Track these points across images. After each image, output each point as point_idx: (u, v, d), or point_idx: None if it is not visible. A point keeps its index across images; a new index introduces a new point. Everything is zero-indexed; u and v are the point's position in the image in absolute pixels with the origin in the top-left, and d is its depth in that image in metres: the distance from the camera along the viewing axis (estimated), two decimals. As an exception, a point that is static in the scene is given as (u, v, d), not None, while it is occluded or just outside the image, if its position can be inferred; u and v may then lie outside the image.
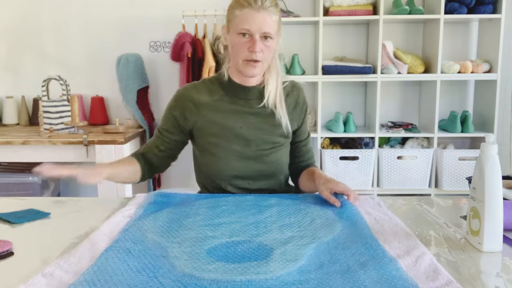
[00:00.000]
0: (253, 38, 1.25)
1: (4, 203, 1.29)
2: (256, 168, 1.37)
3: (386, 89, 2.93)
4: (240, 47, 1.27)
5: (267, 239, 0.95)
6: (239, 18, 1.25)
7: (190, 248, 0.91)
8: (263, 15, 1.24)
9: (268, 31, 1.25)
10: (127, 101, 2.75)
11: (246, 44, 1.26)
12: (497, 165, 0.91)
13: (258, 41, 1.25)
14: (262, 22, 1.24)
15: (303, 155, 1.48)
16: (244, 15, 1.24)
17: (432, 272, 0.80)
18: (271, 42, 1.27)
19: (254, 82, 1.37)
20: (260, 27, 1.24)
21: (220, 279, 0.77)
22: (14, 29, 3.01)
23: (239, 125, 1.36)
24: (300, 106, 1.44)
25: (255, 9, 1.23)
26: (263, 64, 1.30)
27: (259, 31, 1.24)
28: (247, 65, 1.29)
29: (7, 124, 2.96)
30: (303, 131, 1.47)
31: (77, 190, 3.15)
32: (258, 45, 1.25)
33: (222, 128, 1.36)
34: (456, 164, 2.71)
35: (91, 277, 0.78)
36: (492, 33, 2.71)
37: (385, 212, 1.16)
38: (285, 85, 1.41)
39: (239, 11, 1.25)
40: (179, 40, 2.62)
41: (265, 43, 1.26)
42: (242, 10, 1.25)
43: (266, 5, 1.24)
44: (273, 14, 1.26)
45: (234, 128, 1.36)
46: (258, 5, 1.23)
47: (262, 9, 1.24)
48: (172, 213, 1.14)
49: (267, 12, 1.24)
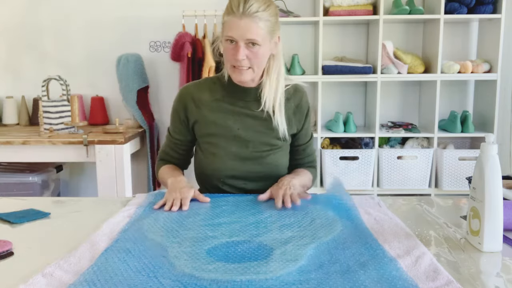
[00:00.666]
0: (237, 45, 1.24)
1: (4, 203, 1.29)
2: (253, 169, 1.37)
3: (386, 89, 2.93)
4: (227, 53, 1.28)
5: (267, 239, 0.95)
6: (226, 24, 1.25)
7: (190, 248, 0.91)
8: (246, 22, 1.21)
9: (252, 38, 1.22)
10: (127, 101, 2.75)
11: (232, 50, 1.25)
12: (497, 165, 0.91)
13: (242, 48, 1.23)
14: (245, 30, 1.22)
15: (303, 158, 1.48)
16: (229, 21, 1.24)
17: (432, 272, 0.80)
18: (258, 48, 1.24)
19: (253, 84, 1.36)
20: (243, 34, 1.22)
21: (220, 279, 0.77)
22: (14, 29, 3.01)
23: (237, 126, 1.36)
24: (301, 110, 1.42)
25: (237, 17, 1.21)
26: (253, 70, 1.28)
27: (242, 38, 1.23)
28: (234, 70, 1.29)
29: (7, 124, 2.96)
30: (303, 135, 1.45)
31: (77, 190, 3.15)
32: (241, 52, 1.23)
33: (220, 128, 1.36)
34: (456, 164, 2.71)
35: (91, 277, 0.78)
36: (492, 33, 2.71)
37: (385, 212, 1.16)
38: (287, 88, 1.39)
39: (226, 16, 1.25)
40: (179, 40, 2.62)
41: (251, 50, 1.24)
42: (228, 16, 1.24)
43: (250, 11, 1.20)
44: (260, 20, 1.22)
45: (232, 129, 1.36)
46: (240, 12, 1.21)
47: (245, 16, 1.21)
48: (172, 213, 1.14)
49: (251, 19, 1.21)
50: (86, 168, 3.11)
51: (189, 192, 1.23)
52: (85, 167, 3.11)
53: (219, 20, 2.83)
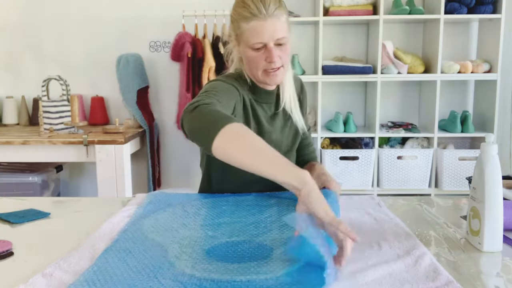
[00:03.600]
0: (268, 48, 1.18)
1: (4, 203, 1.29)
2: None
3: (386, 89, 2.93)
4: (257, 60, 1.21)
5: (267, 239, 0.95)
6: (249, 32, 1.18)
7: (190, 248, 0.91)
8: (271, 22, 1.16)
9: (281, 36, 1.17)
10: (127, 101, 2.75)
11: (263, 56, 1.19)
12: (497, 165, 0.91)
13: (274, 49, 1.18)
14: (273, 30, 1.16)
15: (303, 148, 1.46)
16: (252, 28, 1.17)
17: (432, 272, 0.81)
18: (286, 45, 1.21)
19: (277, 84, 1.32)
20: (273, 35, 1.17)
21: (220, 279, 0.77)
22: (14, 28, 3.01)
23: (269, 129, 1.32)
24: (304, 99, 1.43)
25: (262, 19, 1.15)
26: (284, 68, 1.25)
27: (273, 39, 1.18)
28: (268, 75, 1.23)
29: (7, 124, 2.96)
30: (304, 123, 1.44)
31: (77, 190, 3.15)
32: (275, 54, 1.19)
33: (257, 132, 1.28)
34: (456, 164, 2.71)
35: (91, 277, 0.78)
36: (492, 33, 2.71)
37: (385, 212, 1.16)
38: None
39: (246, 24, 1.17)
40: (179, 40, 2.62)
41: (280, 49, 1.20)
42: (249, 23, 1.17)
43: (271, 10, 1.16)
44: (281, 16, 1.18)
45: (268, 132, 1.31)
46: (263, 14, 1.15)
47: (269, 17, 1.15)
48: (172, 213, 1.14)
49: (274, 18, 1.16)
50: (86, 168, 3.11)
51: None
52: (85, 167, 3.12)
53: (219, 20, 2.86)
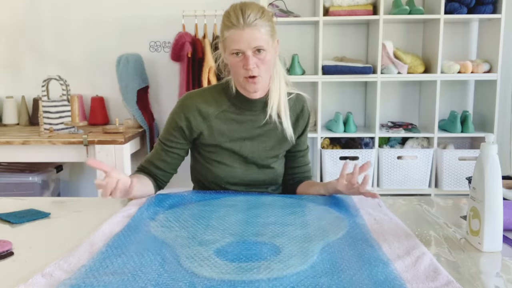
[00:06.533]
0: (245, 56, 1.25)
1: (4, 203, 1.29)
2: (257, 177, 1.40)
3: (386, 89, 2.93)
4: (236, 67, 1.28)
5: (275, 239, 0.96)
6: (229, 39, 1.25)
7: (198, 248, 0.91)
8: (249, 31, 1.23)
9: (258, 45, 1.24)
10: (127, 101, 2.75)
11: (241, 62, 1.26)
12: (497, 165, 0.91)
13: (250, 57, 1.24)
14: (250, 39, 1.23)
15: (300, 166, 1.49)
16: (231, 35, 1.24)
17: (432, 272, 0.80)
18: (265, 54, 1.26)
19: (259, 95, 1.36)
20: (249, 43, 1.23)
21: (228, 279, 0.77)
22: (14, 29, 3.01)
23: (244, 136, 1.37)
24: (303, 117, 1.44)
25: (239, 29, 1.22)
26: (262, 78, 1.29)
27: (250, 48, 1.24)
28: (247, 82, 1.29)
29: (7, 124, 2.96)
30: (302, 142, 1.47)
31: (77, 190, 3.15)
32: (251, 61, 1.24)
33: (227, 138, 1.36)
34: (456, 164, 2.71)
35: (90, 277, 0.78)
36: (492, 33, 2.70)
37: (385, 212, 1.16)
38: (290, 97, 1.41)
39: (227, 32, 1.25)
40: (179, 40, 2.62)
41: (258, 57, 1.26)
42: (229, 31, 1.24)
43: (250, 20, 1.22)
44: (261, 27, 1.24)
45: (239, 139, 1.37)
46: (241, 24, 1.22)
47: (247, 26, 1.22)
48: (172, 213, 1.14)
49: (253, 27, 1.23)
50: (86, 168, 3.11)
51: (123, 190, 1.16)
52: (85, 167, 3.11)
53: (219, 20, 2.85)
